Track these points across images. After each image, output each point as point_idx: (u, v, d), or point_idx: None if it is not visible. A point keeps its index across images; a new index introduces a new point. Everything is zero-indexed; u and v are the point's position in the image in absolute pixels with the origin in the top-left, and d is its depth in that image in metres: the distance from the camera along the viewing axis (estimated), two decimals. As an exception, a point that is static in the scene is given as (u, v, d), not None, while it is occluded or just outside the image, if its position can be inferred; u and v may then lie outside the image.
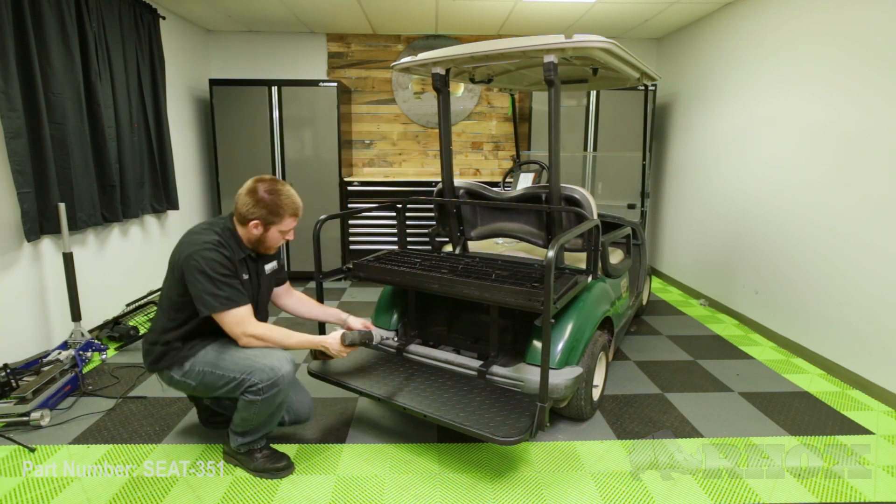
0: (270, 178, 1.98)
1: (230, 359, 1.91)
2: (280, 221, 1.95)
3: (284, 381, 1.89)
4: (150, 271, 4.11)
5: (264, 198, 1.91)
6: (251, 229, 1.94)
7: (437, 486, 1.98)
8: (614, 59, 2.35)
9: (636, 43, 5.36)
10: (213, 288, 1.81)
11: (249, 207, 1.91)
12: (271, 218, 1.93)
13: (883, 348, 2.68)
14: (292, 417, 2.17)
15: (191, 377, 1.94)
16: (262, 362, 1.88)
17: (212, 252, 1.83)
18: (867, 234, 2.77)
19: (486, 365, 2.32)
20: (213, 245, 1.85)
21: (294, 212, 1.98)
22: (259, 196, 1.91)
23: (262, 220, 1.92)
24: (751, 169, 3.77)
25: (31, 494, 1.92)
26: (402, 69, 2.69)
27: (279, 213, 1.94)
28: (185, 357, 1.94)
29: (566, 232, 2.16)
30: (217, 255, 1.84)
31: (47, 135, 2.89)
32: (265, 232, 1.95)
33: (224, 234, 1.93)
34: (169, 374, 1.97)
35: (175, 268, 1.90)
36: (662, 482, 2.02)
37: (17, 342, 2.82)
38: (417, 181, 5.02)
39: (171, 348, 1.94)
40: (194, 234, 1.90)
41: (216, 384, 1.92)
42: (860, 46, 2.82)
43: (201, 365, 1.93)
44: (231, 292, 1.84)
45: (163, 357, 1.95)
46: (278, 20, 4.74)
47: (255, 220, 1.92)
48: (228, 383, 1.89)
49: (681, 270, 4.92)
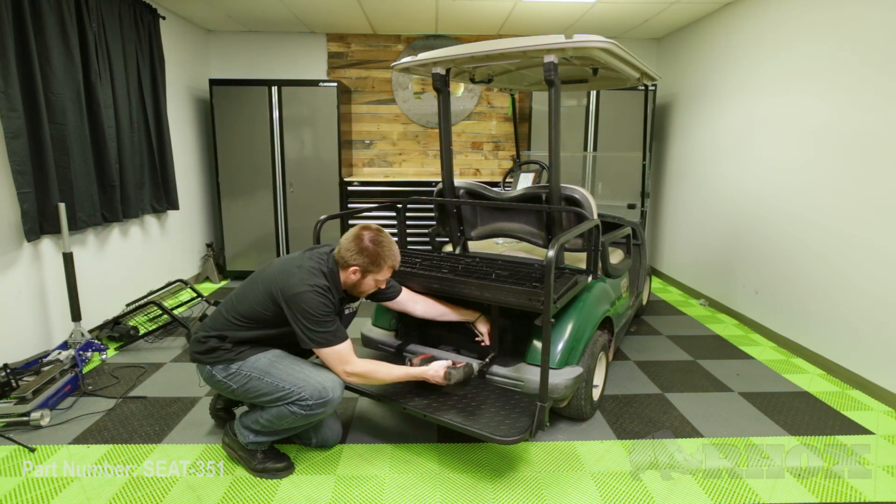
0: (376, 228, 2.03)
1: (284, 369, 1.94)
2: (378, 272, 2.00)
3: (333, 403, 1.95)
4: (150, 271, 4.11)
5: (368, 247, 1.95)
6: (350, 274, 1.98)
7: (437, 486, 1.98)
8: (614, 59, 2.35)
9: (636, 43, 5.36)
10: (317, 327, 1.87)
11: (353, 254, 1.95)
12: (371, 267, 1.97)
13: (883, 348, 2.68)
14: (319, 441, 2.20)
15: (234, 380, 1.95)
16: (315, 379, 1.92)
17: (321, 297, 1.87)
18: (867, 234, 2.77)
19: (486, 365, 2.32)
20: (323, 291, 1.88)
21: (393, 264, 2.03)
22: (364, 245, 1.95)
23: (361, 268, 1.97)
24: (751, 169, 3.77)
25: (31, 494, 1.92)
26: (402, 69, 2.69)
27: (379, 265, 1.98)
28: (234, 359, 1.96)
29: (566, 232, 2.16)
30: (325, 300, 1.88)
31: (47, 135, 2.89)
32: (362, 279, 2.00)
33: (329, 277, 1.95)
34: (211, 371, 1.97)
35: (271, 290, 1.91)
36: (662, 482, 2.02)
37: (17, 342, 2.82)
38: (417, 181, 5.03)
39: (223, 347, 1.96)
40: (304, 270, 1.91)
41: (261, 391, 1.93)
42: (860, 46, 2.82)
43: (249, 370, 1.94)
44: (332, 330, 1.89)
45: (213, 351, 1.96)
46: (278, 20, 4.74)
47: (355, 267, 1.96)
48: (275, 392, 1.91)
49: (681, 270, 4.92)
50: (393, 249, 2.02)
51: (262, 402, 1.95)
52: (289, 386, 1.90)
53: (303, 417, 1.93)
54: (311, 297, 1.85)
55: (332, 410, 1.99)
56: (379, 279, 2.03)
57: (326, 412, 1.96)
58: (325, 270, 1.95)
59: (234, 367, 1.95)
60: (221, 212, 4.87)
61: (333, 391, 1.93)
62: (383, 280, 2.05)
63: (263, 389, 1.92)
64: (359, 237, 1.96)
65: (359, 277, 1.99)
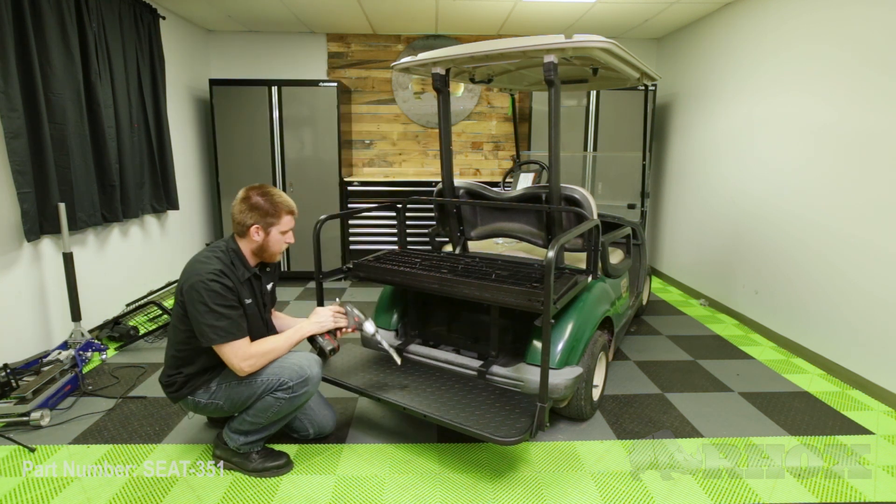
0: (259, 185, 2.00)
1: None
2: (278, 221, 1.97)
3: (313, 381, 1.95)
4: (150, 271, 4.12)
5: (259, 202, 1.93)
6: (252, 236, 1.95)
7: (437, 486, 1.98)
8: (614, 59, 2.35)
9: (636, 43, 5.36)
10: (213, 319, 1.81)
11: (246, 214, 1.93)
12: (269, 219, 1.95)
13: (883, 348, 2.68)
14: (316, 430, 2.21)
15: (218, 396, 1.95)
16: (290, 362, 1.93)
17: (213, 283, 1.81)
18: (867, 234, 2.77)
19: (486, 365, 2.32)
20: (216, 275, 1.83)
21: (290, 209, 2.00)
22: (253, 201, 1.93)
23: (261, 224, 1.94)
24: (751, 169, 3.77)
25: (31, 494, 1.92)
26: (402, 69, 2.69)
27: (276, 213, 1.96)
28: (209, 379, 1.96)
29: (566, 232, 2.16)
30: (218, 285, 1.82)
31: (47, 135, 2.89)
32: (267, 236, 1.97)
33: (227, 257, 1.92)
34: (195, 400, 1.97)
35: (178, 300, 1.90)
36: (662, 482, 2.02)
37: (17, 342, 2.82)
38: (417, 181, 5.03)
39: (191, 377, 1.96)
40: (197, 263, 1.89)
41: (245, 394, 1.93)
42: (860, 46, 2.82)
43: (227, 380, 1.94)
44: (230, 324, 1.83)
45: (185, 384, 1.96)
46: (278, 20, 4.74)
47: (255, 226, 1.93)
48: (258, 388, 1.91)
49: (681, 270, 4.92)
50: (283, 196, 1.99)
51: (251, 403, 1.95)
52: (267, 378, 1.90)
53: (287, 402, 1.93)
54: (205, 284, 1.80)
55: (314, 389, 1.98)
56: (283, 230, 1.99)
57: (310, 391, 1.96)
58: (220, 254, 1.91)
59: (214, 386, 1.96)
60: (221, 212, 4.87)
61: (311, 368, 1.94)
62: (287, 230, 2.01)
63: (247, 392, 1.92)
64: (246, 197, 1.93)
65: (263, 236, 1.95)
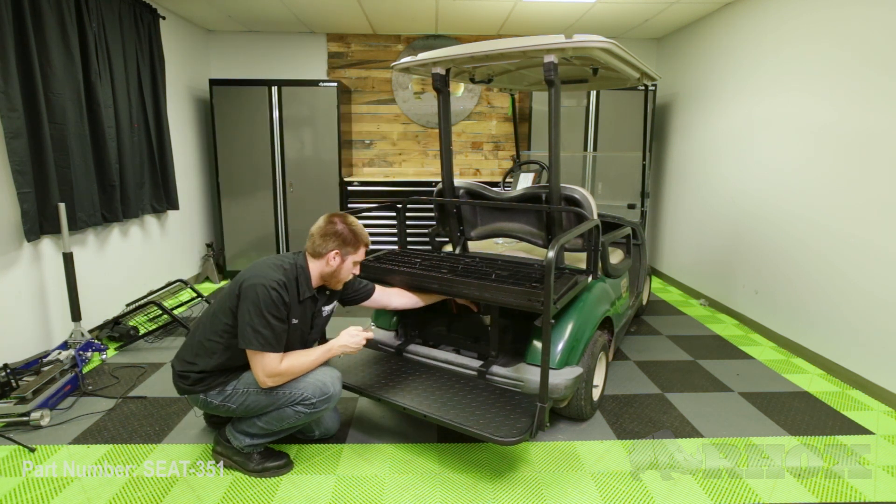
0: (342, 213, 2.05)
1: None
2: (356, 252, 2.02)
3: (335, 398, 1.99)
4: (150, 271, 4.11)
5: (342, 230, 1.98)
6: (329, 260, 1.97)
7: (437, 486, 1.98)
8: (614, 59, 2.35)
9: (636, 43, 5.36)
10: (259, 325, 1.81)
11: (328, 240, 1.96)
12: (348, 248, 1.99)
13: (883, 348, 2.68)
14: (322, 431, 2.23)
15: (232, 400, 1.94)
16: (314, 377, 1.95)
17: (273, 291, 1.83)
18: (867, 234, 2.77)
19: (486, 365, 2.32)
20: (278, 285, 1.85)
21: (367, 242, 2.06)
22: (337, 229, 1.98)
23: (340, 251, 1.98)
24: (751, 169, 3.77)
25: (31, 494, 1.92)
26: (402, 69, 2.69)
27: (356, 244, 2.01)
28: (226, 381, 1.95)
29: (566, 232, 2.16)
30: (277, 295, 1.84)
31: (47, 135, 2.89)
32: (342, 263, 2.00)
33: (292, 272, 1.93)
34: (206, 399, 1.95)
35: (232, 293, 1.88)
36: (662, 482, 2.02)
37: (17, 342, 2.82)
38: (417, 181, 5.03)
39: (210, 374, 1.94)
40: (266, 267, 1.90)
41: (261, 404, 1.92)
42: (860, 46, 2.81)
43: (245, 387, 1.93)
44: (272, 335, 1.83)
45: (201, 381, 1.94)
46: (278, 20, 4.74)
47: (334, 251, 1.96)
48: (277, 401, 1.91)
49: (681, 270, 4.92)
50: (363, 230, 2.06)
51: (265, 412, 1.95)
52: (290, 390, 1.91)
53: (306, 416, 1.96)
54: (264, 290, 1.82)
55: (334, 405, 2.03)
56: (356, 260, 2.04)
57: (329, 407, 2.00)
58: (287, 267, 1.93)
59: (230, 389, 1.94)
60: (221, 212, 4.87)
61: (333, 386, 1.97)
62: (359, 261, 2.07)
63: (266, 401, 1.92)
64: (330, 222, 1.99)
65: (339, 262, 1.99)
